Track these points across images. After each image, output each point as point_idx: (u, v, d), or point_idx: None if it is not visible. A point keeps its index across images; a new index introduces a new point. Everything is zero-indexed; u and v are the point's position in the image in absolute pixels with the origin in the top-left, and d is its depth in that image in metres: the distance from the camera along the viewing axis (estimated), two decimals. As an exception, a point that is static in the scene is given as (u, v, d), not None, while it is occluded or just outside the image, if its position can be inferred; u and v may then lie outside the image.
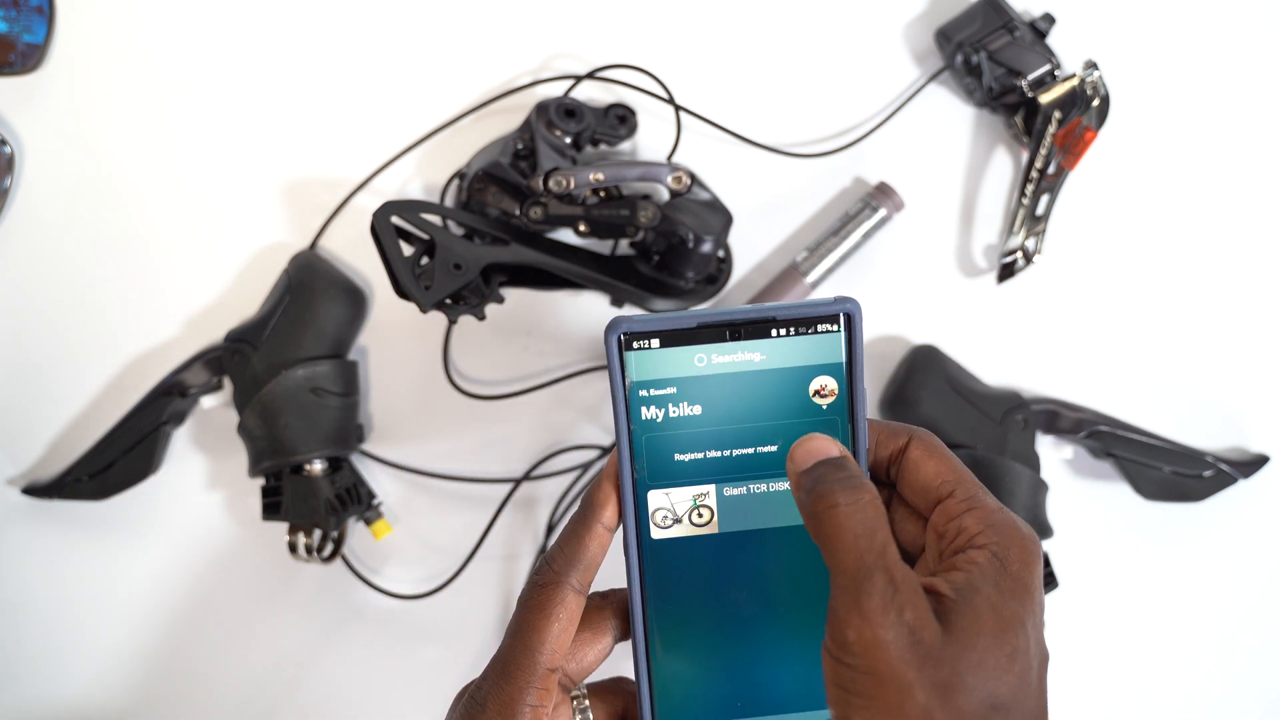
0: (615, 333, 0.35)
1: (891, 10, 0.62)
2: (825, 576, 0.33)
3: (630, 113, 0.60)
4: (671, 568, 0.37)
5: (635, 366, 0.36)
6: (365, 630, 0.62)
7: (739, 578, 0.37)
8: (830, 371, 0.36)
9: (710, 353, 0.36)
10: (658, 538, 0.37)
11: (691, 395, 0.36)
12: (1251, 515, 0.62)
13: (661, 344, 0.36)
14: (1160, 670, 0.62)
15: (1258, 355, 0.62)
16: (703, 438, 0.36)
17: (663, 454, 0.36)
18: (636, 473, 0.36)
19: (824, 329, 0.36)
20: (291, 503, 0.57)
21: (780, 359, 0.36)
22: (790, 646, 0.37)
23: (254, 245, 0.61)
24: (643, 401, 0.36)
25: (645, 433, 0.36)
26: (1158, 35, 0.62)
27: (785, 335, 0.36)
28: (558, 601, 0.37)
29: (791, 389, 0.36)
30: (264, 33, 0.62)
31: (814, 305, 0.36)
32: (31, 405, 0.61)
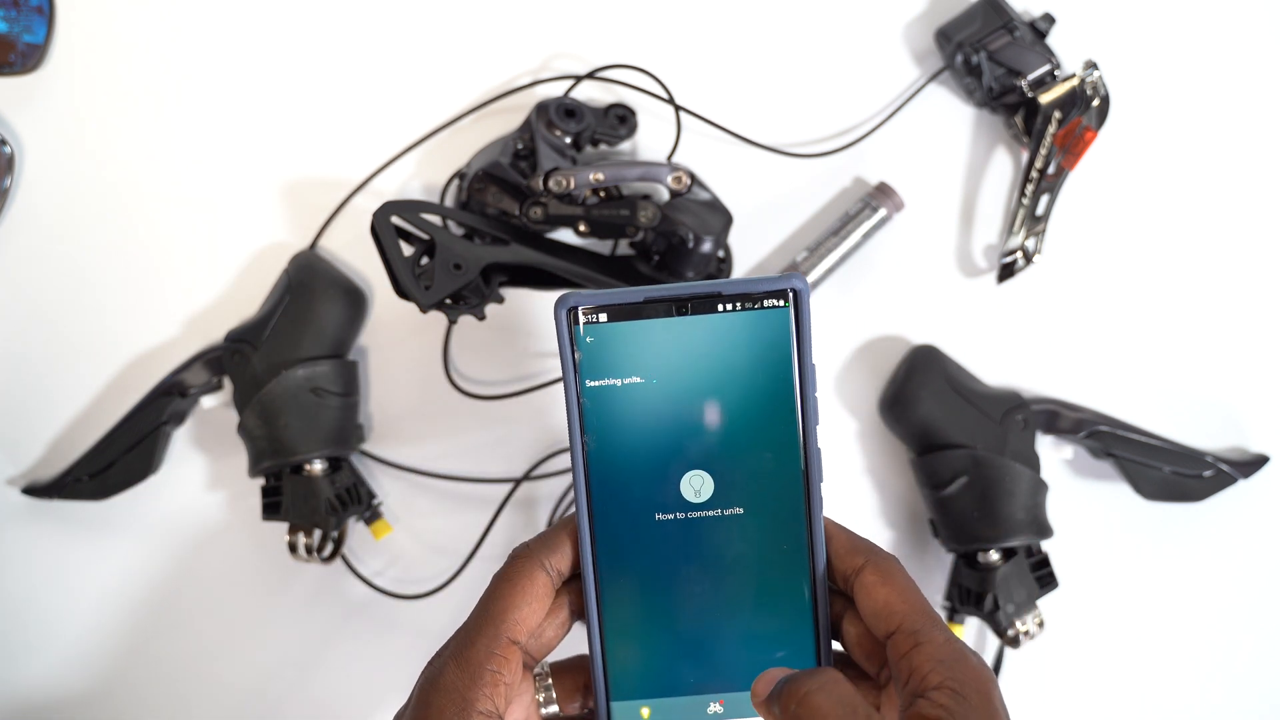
0: (564, 307, 0.36)
1: (891, 10, 0.62)
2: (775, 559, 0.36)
3: (630, 113, 0.60)
4: (623, 543, 0.38)
5: (584, 340, 0.37)
6: (365, 630, 0.62)
7: (690, 555, 0.38)
8: (779, 347, 0.37)
9: (658, 327, 0.37)
10: (609, 513, 0.37)
11: (640, 369, 0.37)
12: (1251, 515, 0.62)
13: (610, 318, 0.37)
14: (1160, 670, 0.62)
15: (1258, 355, 0.62)
16: (652, 412, 0.37)
17: (613, 428, 0.37)
18: (587, 446, 0.37)
19: (771, 304, 0.37)
20: (291, 503, 0.57)
21: (729, 334, 0.37)
22: (742, 624, 0.38)
23: (254, 245, 0.61)
24: (591, 374, 0.37)
25: (595, 406, 0.37)
26: (1158, 35, 0.62)
27: (733, 310, 0.37)
28: (525, 575, 0.38)
29: (741, 364, 0.37)
30: (264, 33, 0.62)
31: (760, 281, 0.36)
32: (31, 405, 0.61)
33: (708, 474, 0.37)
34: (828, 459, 0.62)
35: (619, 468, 0.37)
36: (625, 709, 0.38)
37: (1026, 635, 0.57)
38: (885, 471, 0.62)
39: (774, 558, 0.38)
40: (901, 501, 0.62)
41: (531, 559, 0.38)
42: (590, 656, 0.38)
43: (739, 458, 0.37)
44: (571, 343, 0.37)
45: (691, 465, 0.37)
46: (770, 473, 0.37)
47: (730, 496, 0.37)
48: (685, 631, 0.38)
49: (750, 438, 0.37)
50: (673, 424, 0.37)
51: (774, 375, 0.37)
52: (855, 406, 0.62)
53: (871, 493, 0.62)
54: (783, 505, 0.37)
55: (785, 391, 0.37)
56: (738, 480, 0.37)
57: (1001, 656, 0.61)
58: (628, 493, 0.37)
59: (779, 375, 0.37)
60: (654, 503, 0.37)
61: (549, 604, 0.38)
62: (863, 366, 0.62)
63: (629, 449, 0.37)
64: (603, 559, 0.38)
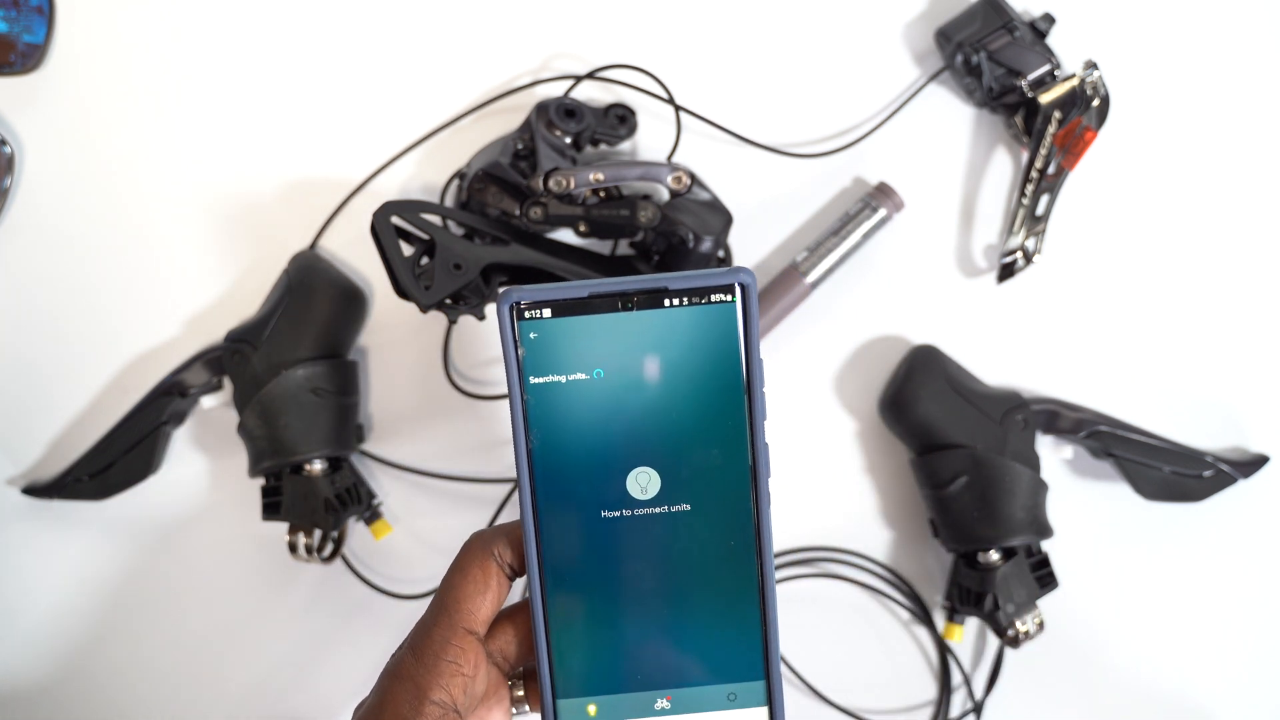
0: (507, 302, 0.36)
1: (891, 10, 0.62)
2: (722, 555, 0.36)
3: (630, 113, 0.60)
4: (569, 540, 0.37)
5: (527, 336, 0.36)
6: (365, 630, 0.62)
7: (636, 552, 0.37)
8: (726, 341, 0.36)
9: (604, 323, 0.36)
10: (554, 511, 0.37)
11: (585, 366, 0.36)
12: (1251, 515, 0.62)
13: (554, 314, 0.36)
14: (1160, 670, 0.62)
15: (1258, 355, 0.62)
16: (598, 409, 0.36)
17: (558, 426, 0.36)
18: (531, 443, 0.36)
19: (718, 299, 0.36)
20: (291, 503, 0.57)
21: (675, 329, 0.36)
22: (689, 621, 0.38)
23: (254, 245, 0.61)
24: (535, 371, 0.36)
25: (538, 404, 0.36)
26: (1158, 35, 0.62)
27: (679, 305, 0.36)
28: (477, 565, 0.38)
29: (688, 359, 0.36)
30: (264, 33, 0.62)
31: (707, 275, 0.36)
32: (31, 405, 0.61)
33: (654, 471, 0.37)
34: (828, 459, 0.62)
35: (564, 465, 0.37)
36: (571, 706, 0.38)
37: (1026, 635, 0.57)
38: (885, 471, 0.62)
39: (721, 554, 0.37)
40: (901, 501, 0.62)
41: (483, 549, 0.38)
42: (536, 654, 0.38)
43: (686, 454, 0.37)
44: (515, 339, 0.36)
45: (638, 462, 0.37)
46: (717, 469, 0.37)
47: (677, 493, 0.37)
48: (631, 629, 0.38)
49: (697, 434, 0.37)
50: (619, 420, 0.37)
51: (721, 370, 0.36)
52: (855, 406, 0.62)
53: (871, 493, 0.62)
54: (730, 502, 0.37)
55: (733, 386, 0.36)
56: (684, 477, 0.37)
57: (1001, 656, 0.61)
58: (573, 490, 0.37)
59: (726, 370, 0.36)
60: (600, 500, 0.37)
61: (503, 594, 0.39)
62: (863, 366, 0.62)
63: (574, 446, 0.37)
64: (548, 557, 0.37)
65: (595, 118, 0.59)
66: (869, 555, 0.62)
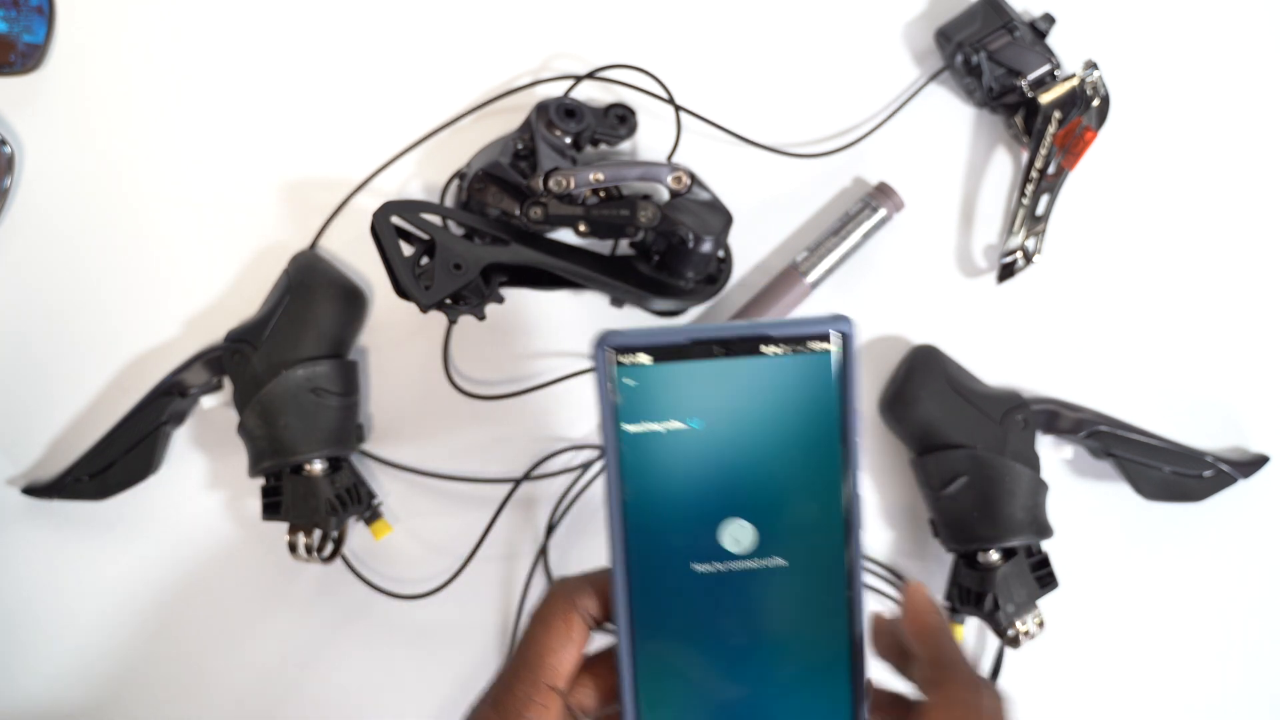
0: (603, 346, 0.34)
1: (891, 10, 0.62)
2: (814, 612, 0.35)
3: (630, 113, 0.60)
4: (659, 594, 0.36)
5: (623, 382, 0.35)
6: (365, 630, 0.62)
7: (728, 608, 0.36)
8: (824, 390, 0.35)
9: (701, 370, 0.35)
10: (645, 564, 0.36)
11: (681, 413, 0.35)
12: (1251, 515, 0.62)
13: (651, 360, 0.35)
14: (1160, 670, 0.62)
15: (1258, 355, 0.62)
16: (693, 458, 0.35)
17: (652, 475, 0.35)
18: (624, 493, 0.35)
19: (818, 346, 0.35)
20: (291, 503, 0.57)
21: (773, 377, 0.35)
22: (778, 678, 0.36)
23: (254, 245, 0.61)
24: (630, 418, 0.35)
25: (633, 452, 0.35)
26: (1158, 35, 0.62)
27: (778, 353, 0.35)
28: (560, 617, 0.37)
29: (785, 408, 0.35)
30: (264, 33, 0.62)
31: (808, 323, 0.35)
32: (31, 405, 0.61)
33: (749, 523, 0.36)
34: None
35: (657, 516, 0.35)
36: None
37: (1026, 635, 0.57)
38: (885, 471, 0.62)
39: (813, 611, 0.36)
40: (901, 501, 0.62)
41: (566, 599, 0.37)
42: (621, 710, 0.37)
43: (780, 507, 0.36)
44: (610, 385, 0.34)
45: (732, 514, 0.36)
46: (812, 522, 0.36)
47: (771, 547, 0.36)
48: (720, 685, 0.36)
49: (793, 485, 0.36)
50: (714, 471, 0.35)
51: (817, 420, 0.35)
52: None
53: (871, 493, 0.62)
54: (823, 557, 0.36)
55: (828, 437, 0.35)
56: (779, 530, 0.36)
57: (1001, 656, 0.61)
58: (665, 542, 0.36)
59: (822, 420, 0.35)
60: (692, 553, 0.36)
61: (584, 645, 0.37)
62: (863, 366, 0.62)
63: (668, 497, 0.35)
64: (638, 610, 0.36)
65: (595, 118, 0.59)
66: (869, 555, 0.62)
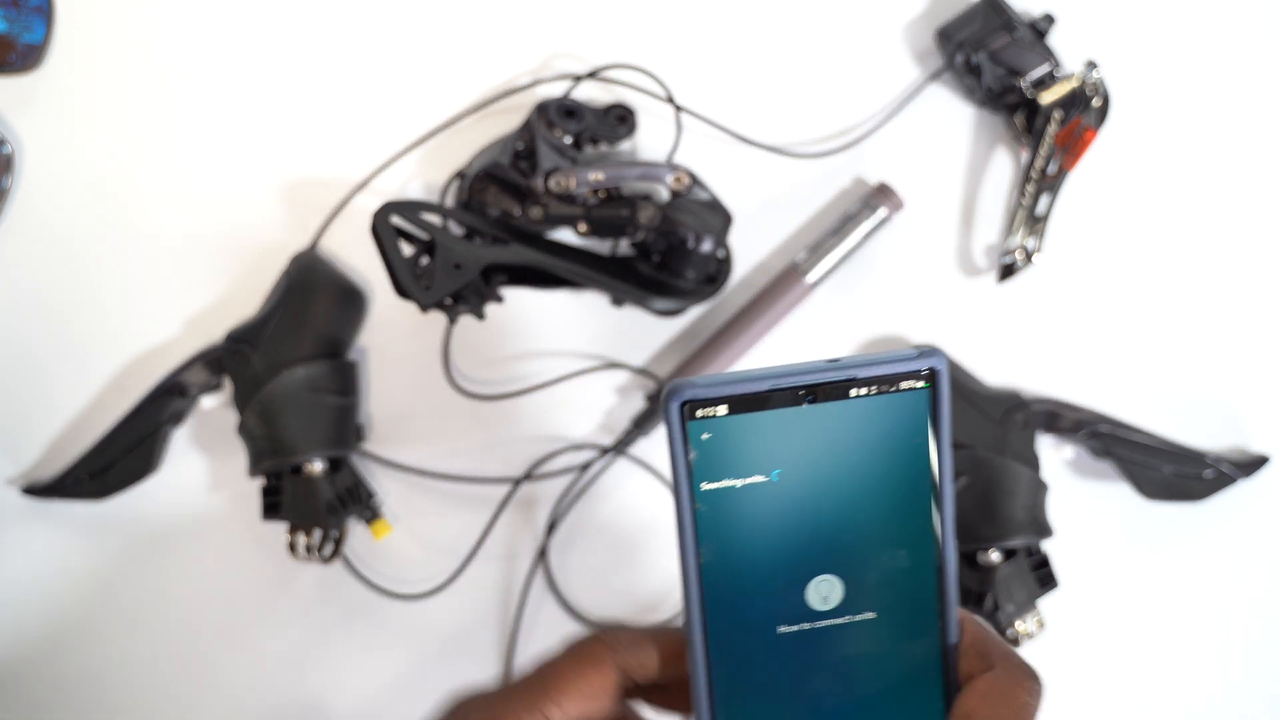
0: (676, 400, 0.32)
1: (891, 10, 0.62)
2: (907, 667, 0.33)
3: (630, 113, 0.60)
4: (742, 661, 0.34)
5: (698, 438, 0.32)
6: (365, 630, 0.62)
7: (816, 668, 0.34)
8: (915, 432, 0.33)
9: (782, 418, 0.32)
10: (725, 629, 0.33)
11: (761, 466, 0.32)
12: (1251, 515, 0.62)
13: (729, 411, 0.32)
14: (1160, 670, 0.62)
15: (1258, 355, 0.62)
16: (775, 513, 0.33)
17: (731, 535, 0.33)
18: (701, 557, 0.33)
19: (908, 386, 0.33)
20: (291, 503, 0.57)
21: (860, 421, 0.33)
22: None
23: (254, 245, 0.61)
24: (707, 476, 0.32)
25: (711, 512, 0.33)
26: (1158, 35, 0.62)
27: (866, 395, 0.32)
28: (594, 664, 0.35)
29: (873, 453, 0.33)
30: (264, 33, 0.62)
31: (899, 360, 0.32)
32: (31, 405, 0.61)
33: (837, 578, 0.33)
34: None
35: (737, 578, 0.33)
36: None
37: (1026, 635, 0.57)
38: (885, 471, 0.62)
39: (906, 663, 0.34)
40: (901, 501, 0.62)
41: (611, 650, 0.35)
42: None
43: (871, 558, 0.33)
44: (684, 442, 0.32)
45: (819, 569, 0.33)
46: (903, 571, 0.34)
47: (861, 601, 0.33)
48: None
49: (882, 533, 0.33)
50: (798, 525, 0.33)
51: (908, 464, 0.33)
52: (855, 406, 0.62)
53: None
54: (916, 605, 0.34)
55: (920, 481, 0.33)
56: (869, 583, 0.33)
57: (1001, 656, 0.61)
58: (747, 605, 0.33)
59: (914, 464, 0.33)
60: (777, 614, 0.33)
61: (607, 707, 0.35)
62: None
63: (749, 556, 0.33)
64: (719, 681, 0.33)
65: (595, 118, 0.59)
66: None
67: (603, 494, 0.61)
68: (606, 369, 0.62)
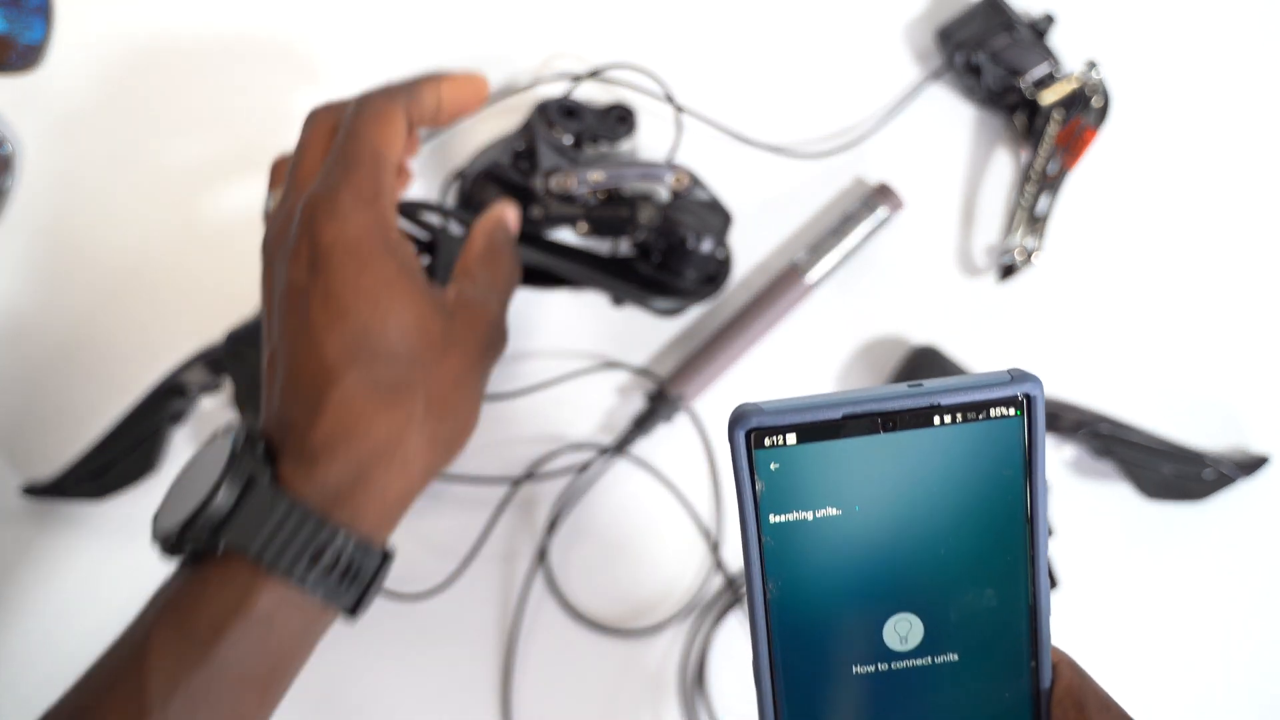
0: (743, 428, 0.30)
1: (891, 10, 0.62)
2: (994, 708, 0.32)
3: (630, 113, 0.60)
4: (815, 704, 0.32)
5: (767, 468, 0.30)
6: (364, 630, 0.62)
7: (894, 713, 0.32)
8: (1006, 464, 0.31)
9: (859, 447, 0.30)
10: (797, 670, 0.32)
11: (835, 499, 0.31)
12: (1252, 515, 0.62)
13: (799, 439, 0.30)
14: (1161, 670, 0.62)
15: (1258, 355, 0.62)
16: (850, 548, 0.31)
17: (802, 570, 0.31)
18: (770, 593, 0.31)
19: (998, 414, 0.30)
20: (291, 503, 0.57)
21: (944, 452, 0.31)
22: None
23: (254, 245, 0.61)
24: (775, 508, 0.31)
25: (779, 546, 0.31)
26: (1158, 35, 0.62)
27: (951, 423, 0.30)
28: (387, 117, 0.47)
29: (958, 486, 0.31)
30: (264, 33, 0.62)
31: (985, 386, 0.30)
32: (31, 405, 0.61)
33: (916, 616, 0.32)
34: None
35: (809, 615, 0.31)
36: None
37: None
38: (885, 471, 0.62)
39: (992, 710, 0.33)
40: (901, 501, 0.62)
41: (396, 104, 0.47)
42: None
43: (955, 596, 0.32)
44: (751, 471, 0.30)
45: (897, 608, 0.32)
46: (990, 611, 0.32)
47: (943, 642, 0.32)
48: None
49: (967, 571, 0.32)
50: (875, 561, 0.31)
51: (998, 497, 0.31)
52: (855, 406, 0.62)
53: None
54: (1003, 648, 0.32)
55: (1011, 515, 0.31)
56: (952, 622, 0.32)
57: (1002, 656, 0.61)
58: (820, 644, 0.32)
59: (1004, 497, 0.31)
60: (852, 654, 0.32)
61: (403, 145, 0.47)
62: (863, 366, 0.62)
63: (822, 593, 0.31)
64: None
65: (595, 118, 0.59)
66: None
67: (603, 494, 0.61)
68: (606, 369, 0.62)
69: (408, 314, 0.43)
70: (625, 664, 0.60)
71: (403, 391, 0.43)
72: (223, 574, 0.41)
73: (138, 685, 0.39)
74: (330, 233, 0.42)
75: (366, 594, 0.43)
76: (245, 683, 0.41)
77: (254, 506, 0.40)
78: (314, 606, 0.42)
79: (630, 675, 0.60)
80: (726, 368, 0.60)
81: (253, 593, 0.40)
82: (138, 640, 0.41)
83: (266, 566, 0.40)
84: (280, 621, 0.41)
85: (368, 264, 0.42)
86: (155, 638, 0.40)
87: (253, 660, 0.40)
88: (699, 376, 0.60)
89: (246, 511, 0.40)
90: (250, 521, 0.40)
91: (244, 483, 0.41)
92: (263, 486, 0.41)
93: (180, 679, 0.39)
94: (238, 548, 0.40)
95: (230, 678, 0.40)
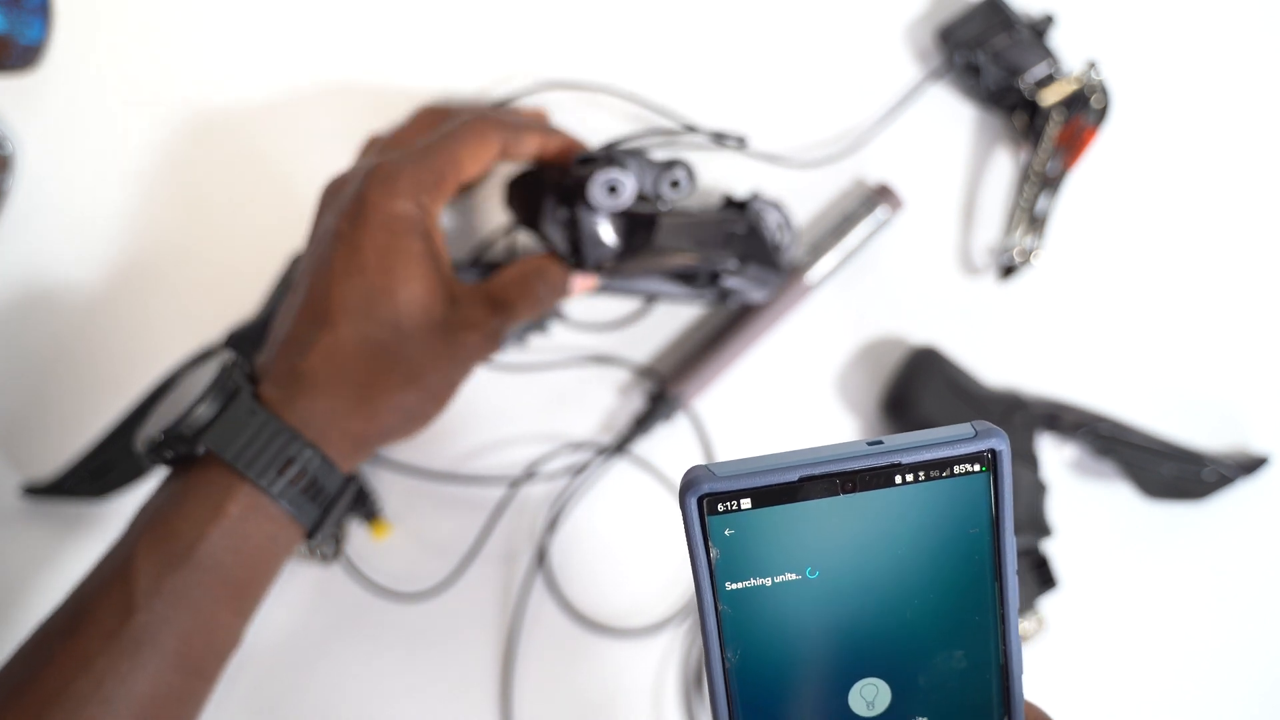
0: (693, 494, 0.29)
1: (891, 10, 0.62)
2: None
3: (687, 169, 0.54)
4: None
5: (720, 534, 0.29)
6: (365, 630, 0.62)
7: None
8: (971, 522, 0.30)
9: (818, 510, 0.29)
10: None
11: (795, 564, 0.30)
12: (1251, 515, 0.62)
13: (754, 504, 0.29)
14: (1161, 670, 0.62)
15: (1258, 355, 0.62)
16: (812, 613, 0.30)
17: (762, 637, 0.30)
18: (729, 662, 0.30)
19: (962, 470, 0.29)
20: (291, 503, 0.58)
21: (907, 511, 0.30)
22: None
23: (254, 245, 0.61)
24: (731, 576, 0.29)
25: (737, 614, 0.30)
26: (1158, 35, 0.62)
27: (914, 481, 0.29)
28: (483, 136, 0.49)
29: (922, 546, 0.30)
30: (264, 34, 0.62)
31: (949, 443, 0.29)
32: (31, 405, 0.61)
33: (883, 681, 0.31)
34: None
35: (772, 684, 0.30)
36: None
37: (1026, 635, 0.57)
38: (885, 471, 0.62)
39: None
40: (901, 501, 0.62)
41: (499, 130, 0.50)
42: None
43: (921, 659, 0.31)
44: (705, 539, 0.29)
45: (863, 673, 0.31)
46: (960, 673, 0.31)
47: (912, 705, 0.31)
48: None
49: (935, 633, 0.31)
50: (837, 625, 0.30)
51: (965, 556, 0.30)
52: (856, 407, 0.62)
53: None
54: (974, 710, 0.31)
55: (979, 575, 0.30)
56: (920, 685, 0.31)
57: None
58: (783, 712, 0.31)
59: (971, 556, 0.30)
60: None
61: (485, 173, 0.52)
62: (863, 367, 0.62)
63: (784, 660, 0.30)
64: None
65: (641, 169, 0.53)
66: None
67: (603, 494, 0.61)
68: (606, 368, 0.62)
69: (417, 289, 0.48)
70: (625, 664, 0.60)
71: (387, 355, 0.48)
72: (200, 480, 0.45)
73: (125, 586, 0.43)
74: (378, 199, 0.48)
75: (327, 514, 0.48)
76: (222, 588, 0.44)
77: (234, 416, 0.45)
78: (281, 518, 0.46)
79: (630, 675, 0.60)
80: (726, 367, 0.60)
81: (228, 499, 0.45)
82: (126, 546, 0.45)
83: (240, 471, 0.44)
84: (252, 528, 0.45)
85: (398, 237, 0.48)
86: (141, 543, 0.44)
87: (227, 566, 0.44)
88: (699, 376, 0.60)
89: (226, 420, 0.45)
90: (228, 429, 0.45)
91: (227, 397, 0.46)
92: (244, 400, 0.46)
93: (164, 579, 0.43)
94: (216, 450, 0.45)
95: (208, 582, 0.44)
